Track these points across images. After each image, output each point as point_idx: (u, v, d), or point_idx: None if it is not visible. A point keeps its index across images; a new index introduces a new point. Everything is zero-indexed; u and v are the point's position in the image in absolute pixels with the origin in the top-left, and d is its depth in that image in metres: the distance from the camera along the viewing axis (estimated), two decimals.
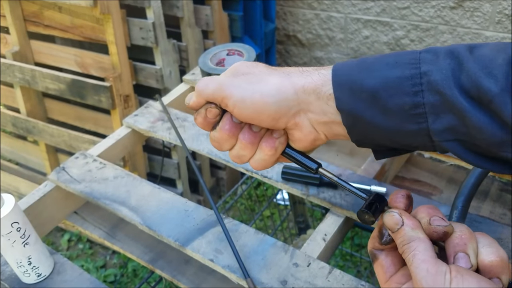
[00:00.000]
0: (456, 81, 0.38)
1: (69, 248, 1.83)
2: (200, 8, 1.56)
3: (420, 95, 0.39)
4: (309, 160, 0.48)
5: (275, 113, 0.44)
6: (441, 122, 0.40)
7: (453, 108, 0.38)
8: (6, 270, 0.67)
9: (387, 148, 0.47)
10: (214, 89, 0.45)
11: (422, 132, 0.41)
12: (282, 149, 0.47)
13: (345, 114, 0.43)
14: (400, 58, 0.41)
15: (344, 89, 0.42)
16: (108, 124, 1.56)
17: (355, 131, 0.44)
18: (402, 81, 0.40)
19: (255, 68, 0.46)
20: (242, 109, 0.44)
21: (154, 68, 1.48)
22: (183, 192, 1.70)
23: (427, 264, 0.37)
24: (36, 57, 1.59)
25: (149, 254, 0.72)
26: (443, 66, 0.39)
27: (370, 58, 0.43)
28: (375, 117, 0.41)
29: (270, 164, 0.48)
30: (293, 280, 0.58)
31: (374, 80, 0.41)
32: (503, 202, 0.71)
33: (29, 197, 0.75)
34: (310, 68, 0.46)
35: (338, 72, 0.43)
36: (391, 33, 1.73)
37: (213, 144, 0.48)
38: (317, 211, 1.54)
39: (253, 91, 0.44)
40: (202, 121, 0.47)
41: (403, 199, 0.44)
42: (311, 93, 0.44)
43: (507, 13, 1.49)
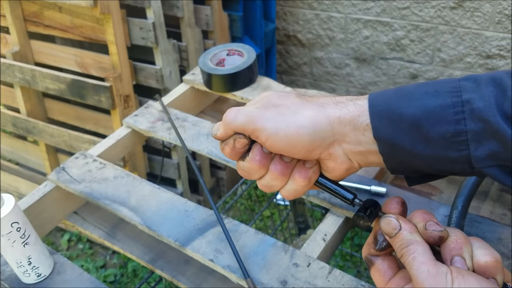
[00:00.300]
0: (499, 108, 0.38)
1: (69, 248, 1.83)
2: (200, 8, 1.56)
3: (463, 123, 0.40)
4: (345, 191, 0.47)
5: (310, 145, 0.43)
6: (483, 149, 0.40)
7: (496, 135, 0.39)
8: (6, 270, 0.67)
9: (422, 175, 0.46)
10: (245, 121, 0.44)
11: (463, 159, 0.41)
12: (315, 178, 0.47)
13: (383, 143, 0.43)
14: (439, 86, 0.41)
15: (382, 118, 0.42)
16: (108, 124, 1.56)
17: (392, 159, 0.44)
18: (444, 110, 0.40)
19: (287, 100, 0.46)
20: (275, 141, 0.43)
21: (154, 68, 1.48)
22: (183, 192, 1.70)
23: (428, 266, 0.37)
24: (36, 57, 1.59)
25: (149, 254, 0.72)
26: (485, 93, 0.39)
27: (408, 87, 0.43)
28: (415, 145, 0.41)
29: (302, 194, 0.47)
30: (293, 280, 0.58)
31: (415, 109, 0.41)
32: (503, 202, 0.71)
33: (29, 197, 0.75)
34: (344, 98, 0.45)
35: (375, 101, 0.43)
36: (391, 33, 1.73)
37: (241, 173, 0.48)
38: (317, 211, 1.54)
39: (287, 124, 0.43)
40: (231, 152, 0.46)
41: (398, 205, 0.44)
42: (347, 124, 0.43)
43: (507, 13, 1.50)
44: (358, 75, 1.91)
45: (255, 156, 0.45)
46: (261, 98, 0.47)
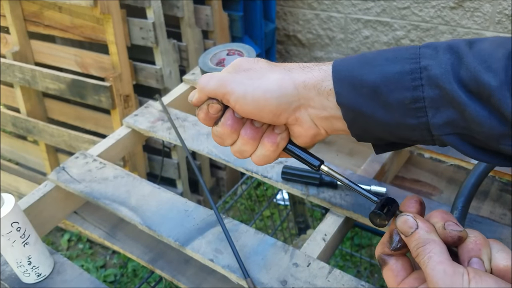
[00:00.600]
0: (455, 75, 0.38)
1: (69, 248, 1.83)
2: (200, 8, 1.56)
3: (420, 90, 0.40)
4: (311, 157, 0.47)
5: (276, 109, 0.44)
6: (441, 116, 0.40)
7: (452, 102, 0.39)
8: (6, 270, 0.67)
9: (387, 143, 0.47)
10: (216, 85, 0.45)
11: (422, 126, 0.41)
12: (284, 144, 0.47)
13: (345, 109, 0.43)
14: (400, 53, 0.42)
15: (344, 84, 0.43)
16: (108, 124, 1.56)
17: (355, 125, 0.44)
18: (402, 76, 0.40)
19: (256, 64, 0.47)
20: (243, 105, 0.44)
21: (154, 68, 1.48)
22: (183, 192, 1.70)
23: (444, 266, 0.36)
24: (36, 57, 1.59)
25: (149, 254, 0.72)
26: (442, 60, 0.39)
27: (370, 54, 0.43)
28: (376, 111, 0.42)
29: (272, 160, 0.48)
30: (293, 280, 0.58)
31: (375, 75, 0.41)
32: (503, 202, 0.71)
33: (29, 197, 0.75)
34: (310, 64, 0.46)
35: (338, 67, 0.44)
36: (391, 33, 1.73)
37: (215, 140, 0.49)
38: (317, 211, 1.54)
39: (254, 87, 0.44)
40: (204, 117, 0.47)
41: (416, 204, 0.43)
42: (312, 89, 0.44)
43: (507, 13, 1.50)
44: None
45: (227, 121, 0.46)
46: (232, 63, 0.48)
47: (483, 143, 0.40)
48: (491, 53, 0.38)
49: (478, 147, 0.41)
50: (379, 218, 0.43)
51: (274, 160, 0.49)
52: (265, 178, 0.73)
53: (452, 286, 0.35)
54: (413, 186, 0.79)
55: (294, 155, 0.48)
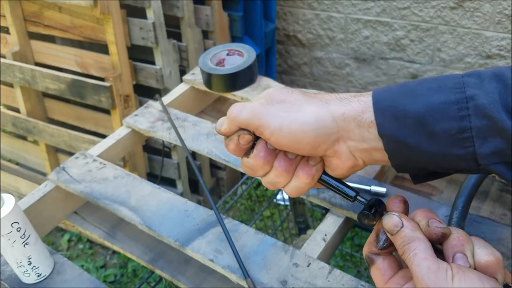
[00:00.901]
0: (503, 104, 0.38)
1: (69, 248, 1.83)
2: (200, 8, 1.56)
3: (467, 120, 0.39)
4: (347, 188, 0.47)
5: (314, 142, 0.43)
6: (488, 145, 0.39)
7: (501, 132, 0.38)
8: (6, 270, 0.67)
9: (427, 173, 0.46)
10: (248, 116, 0.44)
11: (469, 156, 0.41)
12: (319, 176, 0.47)
13: (387, 140, 0.42)
14: (443, 82, 0.41)
15: (386, 115, 0.42)
16: (108, 124, 1.56)
17: (397, 156, 0.43)
18: (448, 106, 0.40)
19: (291, 96, 0.46)
20: (279, 137, 0.43)
21: (154, 68, 1.48)
22: (183, 192, 1.70)
23: (428, 262, 0.37)
24: (36, 57, 1.59)
25: (149, 254, 0.72)
26: (489, 89, 0.39)
27: (412, 83, 0.43)
28: (420, 142, 0.41)
29: (305, 191, 0.47)
30: (293, 280, 0.58)
31: (419, 105, 0.41)
32: (503, 203, 0.71)
33: (29, 197, 0.75)
34: (348, 95, 0.45)
35: (379, 98, 0.43)
36: (391, 33, 1.73)
37: (245, 170, 0.48)
38: (317, 211, 1.54)
39: (291, 120, 0.43)
40: (235, 148, 0.46)
41: (401, 203, 0.44)
42: (351, 121, 0.43)
43: (507, 13, 1.49)
44: (358, 75, 1.91)
45: (260, 153, 0.45)
46: (265, 94, 0.47)
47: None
48: None
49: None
50: (367, 219, 0.44)
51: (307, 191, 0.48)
52: None
53: (437, 281, 0.36)
54: (413, 186, 0.79)
55: (329, 185, 0.47)
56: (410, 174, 0.47)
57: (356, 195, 0.46)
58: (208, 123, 0.84)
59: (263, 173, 0.47)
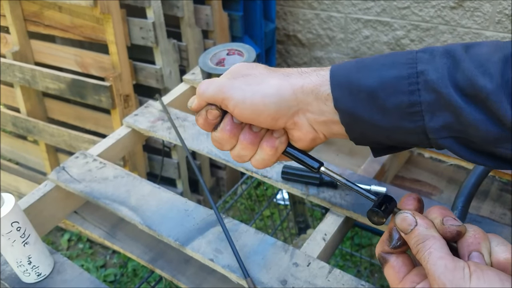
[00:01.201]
0: (451, 80, 0.39)
1: (69, 247, 1.83)
2: (200, 8, 1.56)
3: (417, 94, 0.40)
4: (311, 159, 0.48)
5: (275, 114, 0.45)
6: (437, 120, 0.40)
7: (448, 106, 0.39)
8: (6, 270, 0.67)
9: (385, 146, 0.47)
10: (214, 91, 0.46)
11: (419, 130, 0.41)
12: (283, 148, 0.48)
13: (343, 113, 0.44)
14: (397, 58, 0.42)
15: (342, 89, 0.43)
16: (108, 124, 1.56)
17: (353, 129, 0.45)
18: (399, 81, 0.41)
19: (255, 70, 0.47)
20: (242, 110, 0.45)
21: (154, 68, 1.48)
22: (183, 192, 1.70)
23: (445, 260, 0.36)
24: (36, 57, 1.59)
25: (149, 253, 0.72)
26: (439, 65, 0.40)
27: (368, 59, 0.44)
28: (373, 115, 0.42)
29: (271, 163, 0.49)
30: (293, 279, 0.58)
31: (372, 79, 0.42)
32: (503, 202, 0.71)
33: (29, 197, 0.75)
34: (308, 69, 0.46)
35: (336, 72, 0.44)
36: (391, 33, 1.73)
37: (214, 144, 0.49)
38: (317, 211, 1.54)
39: (253, 92, 0.45)
40: (203, 122, 0.48)
41: (414, 201, 0.44)
42: (310, 94, 0.44)
43: (507, 13, 1.49)
44: None
45: (226, 126, 0.47)
46: (231, 69, 0.48)
47: (479, 146, 0.40)
48: (488, 57, 0.38)
49: (475, 150, 0.41)
50: (377, 216, 0.43)
51: (273, 163, 0.49)
52: (265, 178, 0.73)
53: (454, 280, 0.35)
54: (413, 186, 0.79)
55: (294, 157, 0.48)
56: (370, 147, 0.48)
57: (320, 166, 0.47)
58: None
59: (230, 147, 0.49)
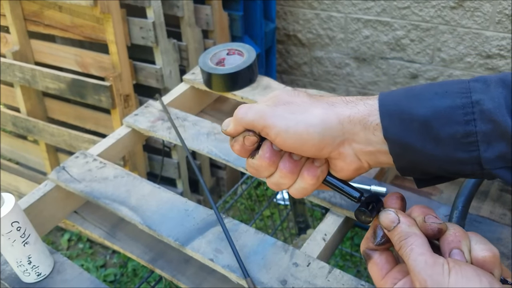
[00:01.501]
0: (508, 109, 0.39)
1: (69, 247, 1.83)
2: (200, 7, 1.56)
3: (472, 124, 0.40)
4: (351, 189, 0.47)
5: (319, 143, 0.44)
6: (493, 150, 0.40)
7: (505, 136, 0.39)
8: (6, 270, 0.67)
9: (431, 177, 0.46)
10: (255, 117, 0.45)
11: (473, 160, 0.41)
12: (324, 177, 0.47)
13: (393, 143, 0.43)
14: (449, 87, 0.42)
15: (392, 118, 0.42)
16: (108, 124, 1.56)
17: (402, 159, 0.44)
18: (453, 110, 0.40)
19: (297, 98, 0.46)
20: (285, 139, 0.44)
21: (154, 67, 1.48)
22: (183, 192, 1.70)
23: (425, 257, 0.38)
24: (36, 57, 1.59)
25: (149, 253, 0.72)
26: (495, 94, 0.39)
27: (418, 88, 0.43)
28: (425, 146, 0.41)
29: (310, 192, 0.48)
30: (293, 279, 0.58)
31: (425, 109, 0.41)
32: (503, 202, 0.71)
33: (29, 197, 0.75)
34: (354, 98, 0.45)
35: (385, 101, 0.43)
36: (391, 33, 1.73)
37: (250, 171, 0.48)
38: (317, 211, 1.54)
39: (297, 121, 0.44)
40: (240, 149, 0.47)
41: (398, 200, 0.45)
42: (357, 124, 0.44)
43: (507, 13, 1.49)
44: (358, 75, 1.91)
45: (265, 154, 0.46)
46: (272, 96, 0.47)
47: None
48: None
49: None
50: (364, 215, 0.44)
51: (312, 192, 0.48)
52: None
53: (433, 275, 0.37)
54: (413, 186, 0.79)
55: (334, 187, 0.47)
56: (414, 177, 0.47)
57: (361, 196, 0.46)
58: (208, 122, 0.84)
59: (268, 174, 0.47)
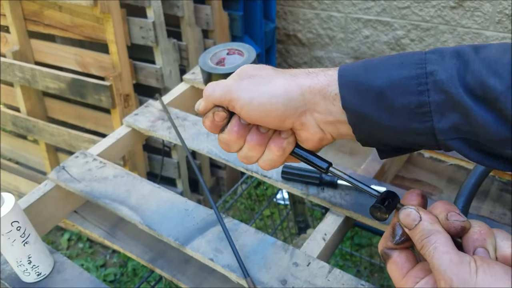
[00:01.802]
0: (461, 80, 0.39)
1: (69, 247, 1.83)
2: (200, 7, 1.56)
3: (426, 94, 0.40)
4: (319, 159, 0.47)
5: (282, 114, 0.45)
6: (446, 121, 0.40)
7: (458, 107, 0.39)
8: (6, 269, 0.67)
9: (392, 148, 0.47)
10: (221, 92, 0.46)
11: (427, 131, 0.41)
12: (291, 149, 0.48)
13: (351, 113, 0.43)
14: (406, 58, 0.42)
15: (350, 88, 0.43)
16: (108, 123, 1.56)
17: (360, 130, 0.44)
18: (408, 81, 0.41)
19: (262, 71, 0.47)
20: (249, 110, 0.45)
21: (154, 67, 1.48)
22: (183, 192, 1.70)
23: (450, 255, 0.36)
24: (36, 56, 1.59)
25: (149, 253, 0.72)
26: (448, 66, 0.40)
27: (376, 59, 0.44)
28: (381, 116, 0.42)
29: (279, 164, 0.49)
30: (292, 279, 0.58)
31: (381, 80, 0.42)
32: (503, 202, 0.71)
33: (29, 196, 0.75)
34: (316, 70, 0.46)
35: (344, 72, 0.44)
36: (392, 33, 1.73)
37: (221, 146, 0.49)
38: (317, 211, 1.54)
39: (260, 93, 0.45)
40: (210, 124, 0.48)
41: (418, 197, 0.44)
42: (317, 94, 0.44)
43: (507, 13, 1.49)
44: None
45: (233, 127, 0.47)
46: (238, 70, 0.48)
47: (488, 147, 0.40)
48: (498, 58, 0.38)
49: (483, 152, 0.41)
50: (380, 212, 0.43)
51: (281, 164, 0.49)
52: (265, 178, 0.73)
53: (459, 274, 0.35)
54: (413, 186, 0.79)
55: (302, 158, 0.48)
56: (377, 148, 0.48)
57: (329, 166, 0.47)
58: None
59: (237, 148, 0.49)
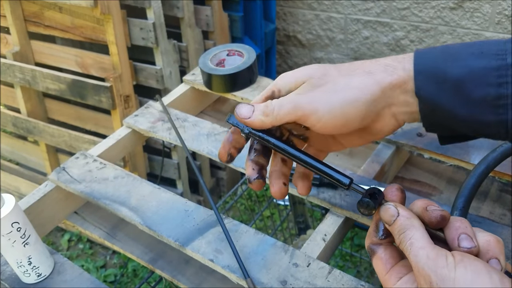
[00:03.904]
0: None
1: (69, 248, 1.83)
2: (201, 8, 1.56)
3: (505, 87, 0.39)
4: (341, 175, 0.46)
5: (364, 115, 0.44)
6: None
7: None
8: (6, 270, 0.67)
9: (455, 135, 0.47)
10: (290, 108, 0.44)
11: (500, 124, 0.41)
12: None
13: (424, 102, 0.43)
14: (485, 48, 0.41)
15: (426, 77, 0.42)
16: (108, 124, 1.56)
17: (431, 118, 0.44)
18: (488, 72, 0.40)
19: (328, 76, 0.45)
20: (328, 121, 0.44)
21: (155, 68, 1.48)
22: (183, 192, 1.70)
23: (426, 250, 0.37)
24: (36, 57, 1.59)
25: (149, 254, 0.72)
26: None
27: (454, 47, 0.43)
28: (456, 106, 0.41)
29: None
30: (293, 280, 0.58)
31: (459, 69, 0.41)
32: (503, 203, 0.71)
33: (29, 197, 0.75)
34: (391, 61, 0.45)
35: (420, 60, 0.43)
36: (391, 34, 1.73)
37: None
38: (317, 212, 1.54)
39: (340, 99, 0.43)
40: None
41: (397, 191, 0.44)
42: (397, 89, 0.44)
43: (507, 14, 1.50)
44: None
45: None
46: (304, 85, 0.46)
47: None
48: None
49: None
50: (365, 208, 0.44)
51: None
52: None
53: (437, 269, 0.35)
54: (412, 186, 0.79)
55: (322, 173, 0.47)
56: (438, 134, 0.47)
57: (351, 182, 0.46)
58: (208, 123, 0.84)
59: None
